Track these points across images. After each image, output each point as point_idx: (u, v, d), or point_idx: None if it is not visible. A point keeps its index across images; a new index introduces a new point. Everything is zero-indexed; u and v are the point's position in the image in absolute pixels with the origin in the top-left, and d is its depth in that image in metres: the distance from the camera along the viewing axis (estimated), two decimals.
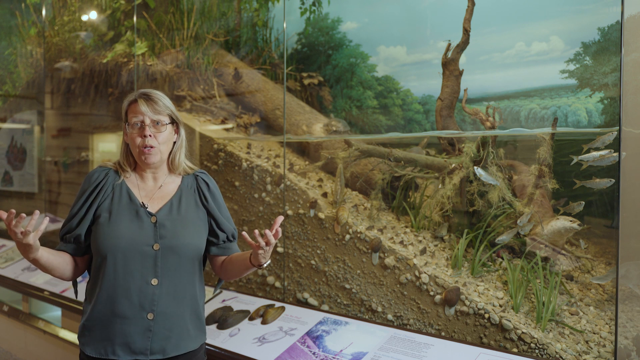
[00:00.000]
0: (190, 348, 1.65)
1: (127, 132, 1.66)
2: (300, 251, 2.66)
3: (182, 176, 1.75)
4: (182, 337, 1.62)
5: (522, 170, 2.02)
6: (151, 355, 1.58)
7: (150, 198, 1.67)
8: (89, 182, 1.66)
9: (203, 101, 3.14)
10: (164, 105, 1.65)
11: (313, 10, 2.64)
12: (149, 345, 1.57)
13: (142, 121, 1.62)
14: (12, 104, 4.82)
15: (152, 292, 1.58)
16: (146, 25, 3.46)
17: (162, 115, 1.64)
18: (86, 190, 1.64)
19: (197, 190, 1.73)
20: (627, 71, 1.76)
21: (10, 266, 4.02)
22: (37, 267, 1.56)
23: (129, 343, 1.56)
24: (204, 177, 1.77)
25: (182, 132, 1.72)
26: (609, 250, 1.82)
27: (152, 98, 1.64)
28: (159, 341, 1.58)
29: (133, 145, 1.64)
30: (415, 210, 2.30)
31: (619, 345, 1.78)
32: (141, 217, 1.62)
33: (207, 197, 1.73)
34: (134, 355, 1.57)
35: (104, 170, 1.68)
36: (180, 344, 1.62)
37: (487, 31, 2.07)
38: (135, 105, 1.64)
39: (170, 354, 1.60)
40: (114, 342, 1.57)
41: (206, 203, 1.72)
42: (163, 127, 1.64)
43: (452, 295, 2.13)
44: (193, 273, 1.66)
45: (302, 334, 2.32)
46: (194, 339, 1.66)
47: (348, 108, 2.50)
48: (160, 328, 1.58)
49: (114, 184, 1.66)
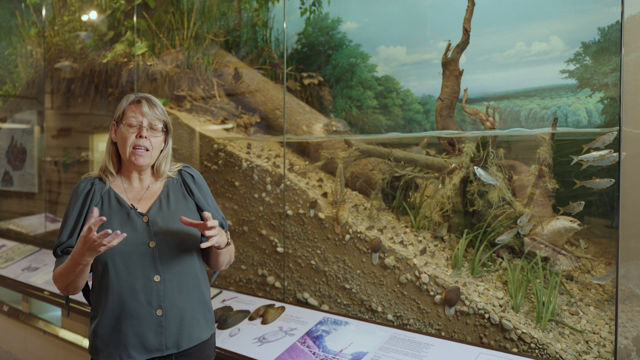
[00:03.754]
0: (202, 338, 1.68)
1: (121, 130, 1.67)
2: (300, 251, 2.66)
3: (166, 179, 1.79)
4: (194, 329, 1.66)
5: (522, 170, 2.02)
6: (166, 351, 1.61)
7: (139, 199, 1.69)
8: (77, 193, 1.67)
9: (203, 101, 3.14)
10: (162, 112, 1.70)
11: (313, 10, 2.63)
12: (163, 341, 1.60)
13: (141, 122, 1.65)
14: (12, 104, 4.82)
15: (156, 289, 1.60)
16: (146, 25, 3.46)
17: (159, 121, 1.68)
18: (77, 203, 1.66)
19: (183, 183, 1.77)
20: (627, 71, 1.76)
21: (10, 266, 4.02)
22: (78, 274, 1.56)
23: (143, 342, 1.59)
24: (188, 170, 1.81)
25: (170, 142, 1.76)
26: (609, 250, 1.82)
27: (154, 103, 1.69)
28: (171, 335, 1.61)
29: (124, 144, 1.65)
30: (415, 210, 2.30)
31: (619, 345, 1.78)
32: (133, 218, 1.64)
33: (192, 189, 1.76)
34: (150, 353, 1.59)
35: (89, 181, 1.70)
36: (192, 336, 1.65)
37: (487, 31, 2.07)
38: (136, 106, 1.67)
39: (184, 347, 1.63)
40: (127, 346, 1.58)
41: (192, 195, 1.75)
42: (158, 132, 1.68)
43: (452, 295, 2.13)
44: (193, 264, 1.69)
45: (302, 334, 2.32)
46: (205, 329, 1.70)
47: (348, 108, 2.50)
48: (171, 322, 1.61)
49: (102, 192, 1.67)
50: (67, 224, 1.65)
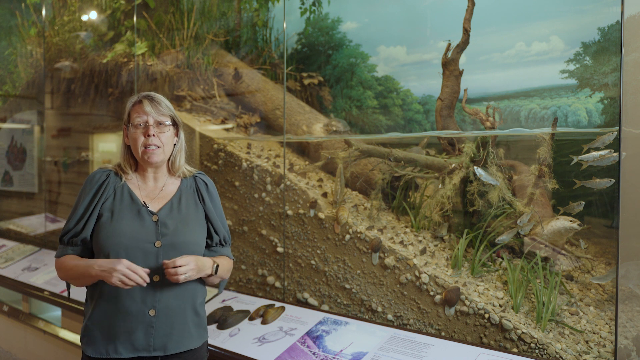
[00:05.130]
0: (191, 346, 1.67)
1: (130, 132, 1.68)
2: (300, 251, 2.66)
3: (181, 178, 1.79)
4: (184, 335, 1.65)
5: (522, 170, 2.02)
6: (153, 352, 1.61)
7: (152, 198, 1.70)
8: (91, 183, 1.67)
9: (203, 101, 3.14)
10: (166, 107, 1.70)
11: (313, 10, 2.63)
12: (151, 342, 1.60)
13: (146, 121, 1.66)
14: (12, 104, 4.82)
15: (153, 289, 1.61)
16: (146, 25, 3.46)
17: (164, 117, 1.69)
18: (89, 192, 1.66)
19: (196, 190, 1.78)
20: (627, 71, 1.76)
21: (10, 266, 4.02)
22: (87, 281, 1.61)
23: (132, 340, 1.59)
24: (203, 177, 1.82)
25: (182, 135, 1.76)
26: (609, 250, 1.82)
27: (156, 99, 1.69)
28: (160, 337, 1.61)
29: (135, 145, 1.67)
30: (415, 210, 2.30)
31: (619, 345, 1.78)
32: (143, 215, 1.64)
33: (204, 198, 1.77)
34: (137, 352, 1.60)
35: (105, 172, 1.71)
36: (181, 342, 1.64)
37: (487, 31, 2.07)
38: (139, 106, 1.68)
39: (171, 351, 1.63)
40: (116, 341, 1.59)
41: (203, 204, 1.76)
42: (166, 127, 1.69)
43: (452, 295, 2.13)
44: None
45: (302, 334, 2.32)
46: (195, 338, 1.69)
47: (348, 108, 2.50)
48: (162, 324, 1.61)
49: (115, 186, 1.68)
50: (76, 211, 1.65)
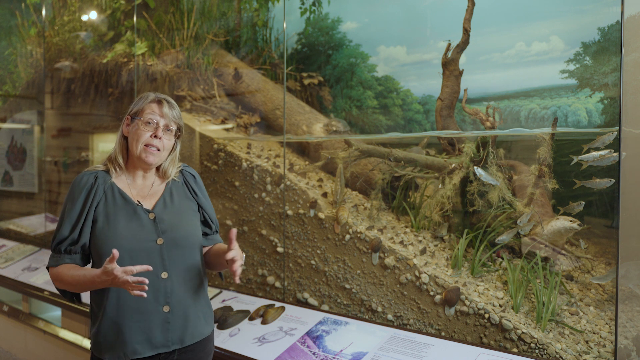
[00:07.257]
0: (204, 335, 1.70)
1: (136, 126, 1.65)
2: (300, 251, 2.66)
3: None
4: (197, 325, 1.68)
5: (522, 170, 2.02)
6: (172, 347, 1.63)
7: (143, 196, 1.70)
8: (79, 187, 1.63)
9: (203, 101, 3.14)
10: (178, 116, 1.71)
11: (313, 10, 2.63)
12: (169, 337, 1.61)
13: (157, 122, 1.66)
14: (12, 104, 4.82)
15: (164, 286, 1.61)
16: (146, 25, 3.46)
17: (174, 124, 1.70)
18: (79, 197, 1.62)
19: (185, 183, 1.79)
20: (627, 71, 1.76)
21: (10, 266, 4.02)
22: (88, 289, 1.59)
23: (150, 338, 1.59)
24: (189, 169, 1.83)
25: (179, 146, 1.77)
26: (609, 250, 1.82)
27: (173, 105, 1.71)
28: (176, 331, 1.63)
29: (137, 140, 1.64)
30: (415, 210, 2.30)
31: (619, 345, 1.78)
32: (139, 215, 1.64)
33: (195, 190, 1.79)
34: (156, 349, 1.60)
35: (92, 174, 1.66)
36: (195, 332, 1.67)
37: (487, 31, 2.07)
38: (158, 106, 1.67)
39: (187, 342, 1.65)
40: (132, 342, 1.58)
41: (195, 196, 1.78)
42: (171, 135, 1.70)
43: (452, 295, 2.13)
44: (197, 261, 1.71)
45: (302, 334, 2.32)
46: (206, 325, 1.72)
47: (348, 108, 2.50)
48: (177, 319, 1.62)
49: (105, 187, 1.65)
50: (68, 218, 1.61)
